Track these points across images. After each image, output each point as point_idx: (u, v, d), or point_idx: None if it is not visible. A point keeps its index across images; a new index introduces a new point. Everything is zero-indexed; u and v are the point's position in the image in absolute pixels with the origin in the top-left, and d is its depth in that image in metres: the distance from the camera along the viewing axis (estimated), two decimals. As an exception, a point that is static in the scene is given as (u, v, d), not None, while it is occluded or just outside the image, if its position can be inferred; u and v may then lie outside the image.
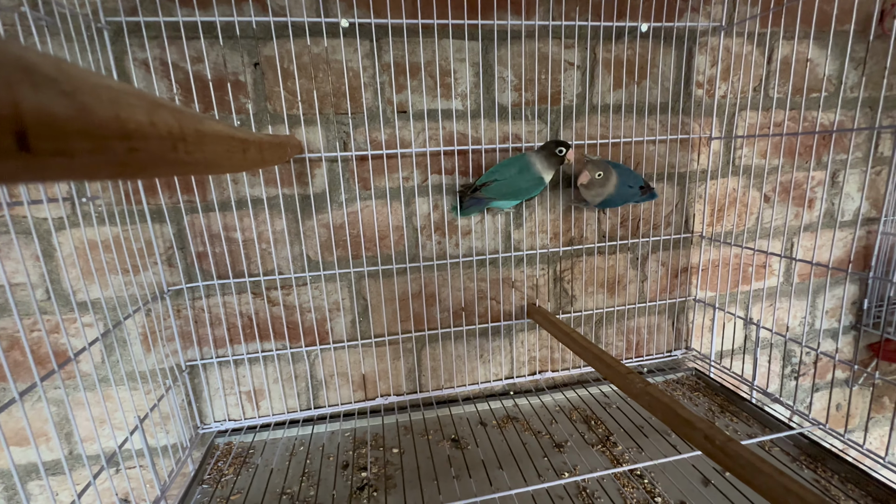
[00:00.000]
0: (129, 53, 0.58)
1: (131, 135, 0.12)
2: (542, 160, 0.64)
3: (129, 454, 0.67)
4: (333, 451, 0.65)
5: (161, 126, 0.14)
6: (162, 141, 0.14)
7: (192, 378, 0.68)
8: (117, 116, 0.11)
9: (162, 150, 0.14)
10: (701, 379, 0.81)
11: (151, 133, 0.13)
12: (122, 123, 0.11)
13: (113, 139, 0.11)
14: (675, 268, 0.82)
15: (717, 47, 0.75)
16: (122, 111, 0.11)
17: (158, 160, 0.14)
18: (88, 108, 0.10)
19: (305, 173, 0.66)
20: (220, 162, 0.21)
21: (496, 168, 0.65)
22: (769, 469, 0.36)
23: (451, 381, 0.77)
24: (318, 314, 0.70)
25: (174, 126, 0.15)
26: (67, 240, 0.60)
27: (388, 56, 0.65)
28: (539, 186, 0.66)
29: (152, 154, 0.13)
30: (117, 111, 0.11)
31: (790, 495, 0.34)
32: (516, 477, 0.58)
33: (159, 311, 0.64)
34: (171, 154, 0.15)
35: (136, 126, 0.12)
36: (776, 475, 0.36)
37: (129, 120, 0.12)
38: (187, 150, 0.16)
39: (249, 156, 0.28)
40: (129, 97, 0.12)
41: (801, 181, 0.83)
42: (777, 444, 0.64)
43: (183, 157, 0.16)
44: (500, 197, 0.66)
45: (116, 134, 0.11)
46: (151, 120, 0.13)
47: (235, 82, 0.62)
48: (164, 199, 0.63)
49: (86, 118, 0.10)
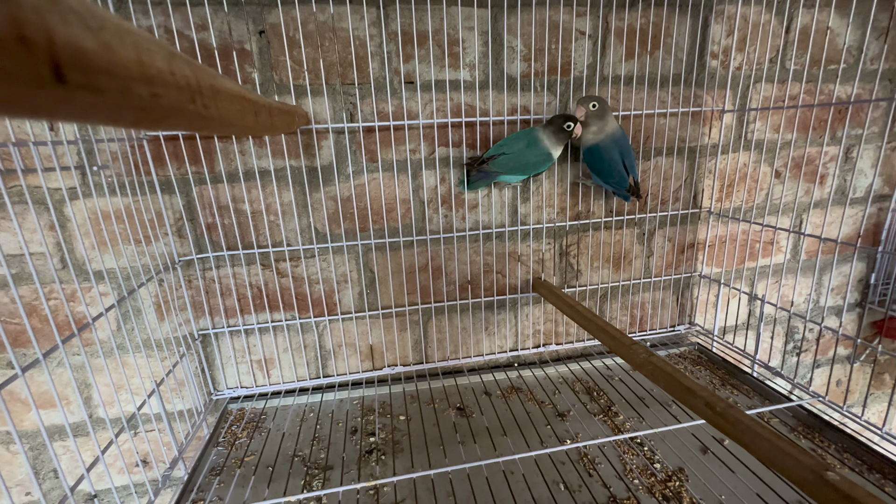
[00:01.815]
0: (132, 20, 0.57)
1: (153, 80, 0.12)
2: (551, 135, 0.64)
3: (146, 418, 0.69)
4: (342, 417, 0.67)
5: (180, 76, 0.14)
6: (181, 91, 0.14)
7: (205, 346, 0.70)
8: (140, 60, 0.11)
9: (181, 101, 0.14)
10: (703, 353, 0.82)
11: (171, 81, 0.13)
12: (144, 68, 0.11)
13: (137, 82, 0.11)
14: (681, 243, 0.82)
15: (733, 16, 0.72)
16: (143, 55, 0.12)
17: (178, 110, 0.14)
18: (113, 47, 0.10)
19: (312, 145, 0.66)
20: (234, 121, 0.22)
21: (504, 142, 0.65)
22: (768, 434, 0.37)
23: (457, 352, 0.79)
24: (326, 286, 0.71)
25: (191, 78, 0.15)
26: (80, 209, 0.61)
27: (395, 24, 0.63)
28: (547, 162, 0.65)
29: (172, 103, 0.13)
30: (139, 55, 0.11)
31: (788, 459, 0.35)
32: (519, 443, 0.60)
33: (171, 281, 0.65)
34: (190, 105, 0.15)
35: (157, 72, 0.12)
36: (775, 440, 0.37)
37: (151, 65, 0.12)
38: (204, 104, 0.16)
39: (260, 119, 0.28)
40: (149, 43, 0.12)
41: (813, 157, 0.82)
42: (776, 416, 0.65)
43: (200, 111, 0.16)
44: (508, 171, 0.65)
45: (139, 77, 0.11)
46: (171, 69, 0.13)
47: (241, 51, 0.61)
48: (173, 169, 0.63)
49: (111, 57, 0.10)
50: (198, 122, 0.17)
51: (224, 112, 0.19)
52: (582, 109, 0.64)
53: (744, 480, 0.52)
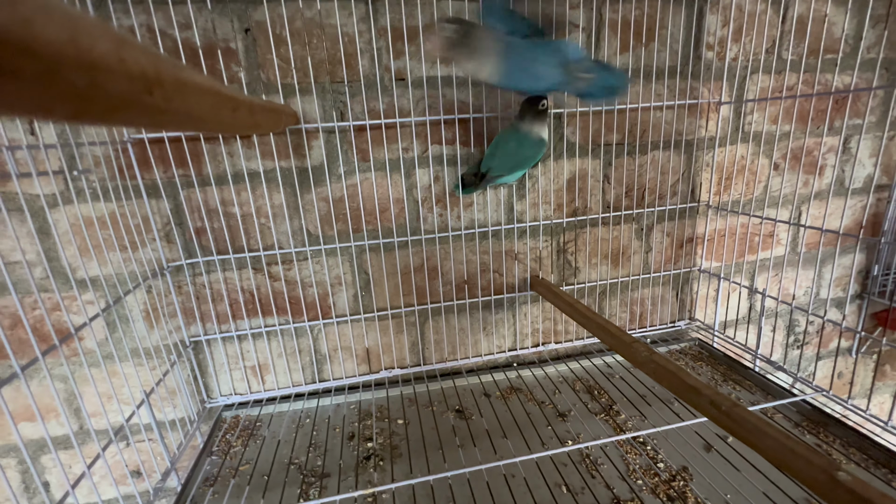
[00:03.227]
0: (113, 20, 0.56)
1: (93, 66, 0.11)
2: (531, 122, 0.61)
3: (137, 428, 0.68)
4: (339, 422, 0.66)
5: (132, 64, 0.13)
6: (133, 81, 0.13)
7: (197, 353, 0.69)
8: (74, 41, 0.10)
9: (133, 91, 0.13)
10: (704, 349, 0.81)
11: (119, 69, 0.12)
12: (80, 51, 0.10)
13: (69, 67, 0.10)
14: (680, 238, 0.80)
15: (729, 6, 0.71)
16: (81, 38, 0.10)
17: (131, 102, 0.13)
18: (33, 23, 0.09)
19: (302, 145, 0.64)
20: (207, 117, 0.20)
21: (493, 149, 0.63)
22: (775, 433, 0.36)
23: (455, 353, 0.77)
24: (320, 289, 0.70)
25: (148, 67, 0.14)
26: (62, 217, 0.59)
27: (384, 19, 0.62)
28: (542, 148, 0.63)
29: (121, 93, 0.12)
30: (73, 35, 0.10)
31: (798, 459, 0.34)
32: (520, 445, 0.58)
33: (160, 287, 0.64)
34: (146, 98, 0.14)
35: (100, 58, 0.11)
36: (783, 439, 0.35)
37: (90, 49, 0.11)
38: (165, 97, 0.15)
39: (240, 116, 0.26)
40: (91, 26, 0.11)
41: (812, 148, 0.81)
42: (780, 411, 0.64)
43: (160, 104, 0.15)
44: (508, 172, 0.63)
45: (73, 61, 0.10)
46: (120, 56, 0.12)
47: (226, 49, 0.59)
48: (159, 173, 0.61)
49: (29, 34, 0.08)
50: (160, 117, 0.15)
51: (193, 107, 0.18)
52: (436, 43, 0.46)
53: (749, 478, 0.51)
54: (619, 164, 0.75)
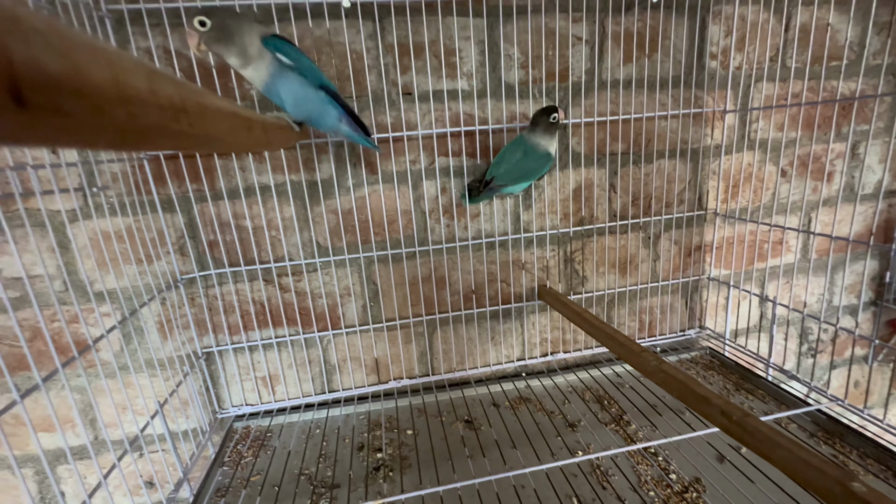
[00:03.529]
0: (131, 42, 0.58)
1: (131, 100, 0.11)
2: (542, 135, 0.63)
3: (151, 439, 0.69)
4: (349, 433, 0.66)
5: (161, 95, 0.14)
6: (163, 110, 0.14)
7: (209, 364, 0.70)
8: (115, 80, 0.11)
9: (163, 120, 0.14)
10: (715, 358, 0.80)
11: (151, 101, 0.13)
12: (120, 88, 0.11)
13: (112, 103, 0.11)
14: (688, 246, 0.80)
15: (731, 16, 0.72)
16: (119, 75, 0.11)
17: (161, 130, 0.14)
18: (83, 68, 0.09)
19: (312, 159, 0.66)
20: (224, 138, 0.21)
21: (500, 158, 0.64)
22: (788, 444, 0.36)
23: (463, 363, 0.77)
24: (330, 300, 0.71)
25: (175, 96, 0.15)
26: (81, 231, 0.61)
27: (391, 36, 0.64)
28: (549, 162, 0.64)
29: (153, 122, 0.13)
30: (115, 74, 0.11)
31: (812, 470, 0.34)
32: (530, 456, 0.58)
33: (174, 299, 0.65)
34: (174, 125, 0.14)
35: (136, 92, 0.12)
36: (795, 450, 0.35)
37: (128, 85, 0.11)
38: (190, 123, 0.16)
39: (254, 135, 0.27)
40: (126, 62, 0.12)
41: (819, 154, 0.81)
42: (794, 421, 0.63)
43: (186, 129, 0.16)
44: (513, 182, 0.64)
45: (115, 97, 0.11)
46: (151, 87, 0.13)
47: (239, 68, 0.61)
48: (174, 188, 0.63)
49: (81, 77, 0.09)
50: (185, 141, 0.16)
51: (213, 129, 0.19)
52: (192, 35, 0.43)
53: (763, 490, 0.50)
54: (625, 174, 0.75)
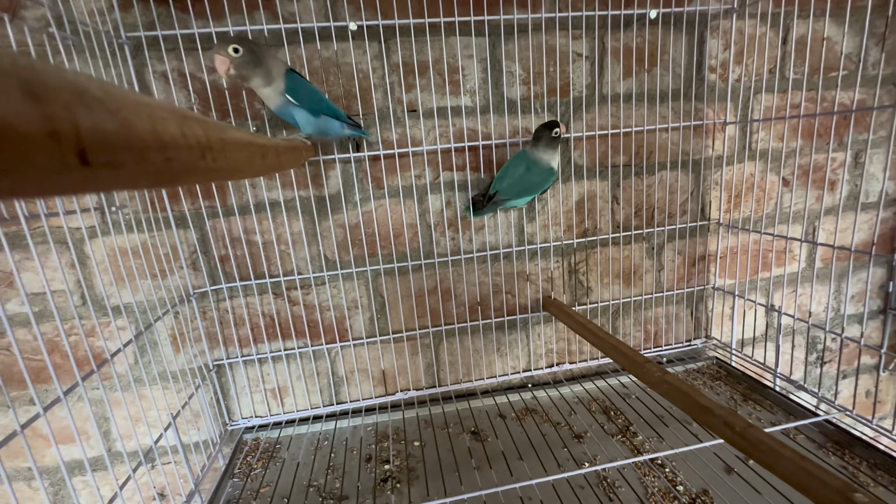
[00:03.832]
0: (148, 66, 0.60)
1: (167, 146, 0.13)
2: (545, 149, 0.64)
3: (163, 450, 0.70)
4: (356, 444, 0.67)
5: (191, 137, 0.15)
6: (192, 150, 0.15)
7: (220, 377, 0.71)
8: (154, 130, 0.12)
9: (192, 159, 0.15)
10: (722, 368, 0.80)
11: (183, 143, 0.14)
12: (158, 136, 0.12)
13: (152, 150, 0.12)
14: (692, 256, 0.81)
15: (729, 30, 0.73)
16: (157, 125, 0.13)
17: (190, 168, 0.15)
18: (131, 123, 0.11)
19: (320, 175, 0.67)
20: (243, 168, 0.23)
21: (503, 172, 0.65)
22: (791, 454, 0.36)
23: (469, 375, 0.78)
24: (337, 312, 0.72)
25: (202, 136, 0.16)
26: (99, 247, 0.63)
27: (396, 56, 0.66)
28: (551, 177, 0.65)
29: (184, 163, 0.14)
30: (154, 125, 0.12)
31: (813, 480, 0.34)
32: (536, 467, 0.58)
33: (186, 313, 0.67)
34: (201, 162, 0.16)
35: (171, 138, 0.13)
36: (798, 460, 0.36)
37: (164, 132, 0.13)
38: (213, 158, 0.17)
39: (268, 160, 0.29)
40: (162, 111, 0.13)
41: (821, 163, 0.81)
42: (802, 432, 0.63)
43: (210, 165, 0.17)
44: (516, 196, 0.66)
45: (154, 146, 0.12)
46: (182, 132, 0.14)
47: (249, 89, 0.63)
48: (187, 205, 0.65)
49: (129, 133, 0.11)
50: (209, 175, 0.18)
51: (233, 161, 0.20)
52: (223, 62, 0.48)
53: (771, 502, 0.50)
54: (627, 185, 0.76)
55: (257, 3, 0.61)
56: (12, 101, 0.07)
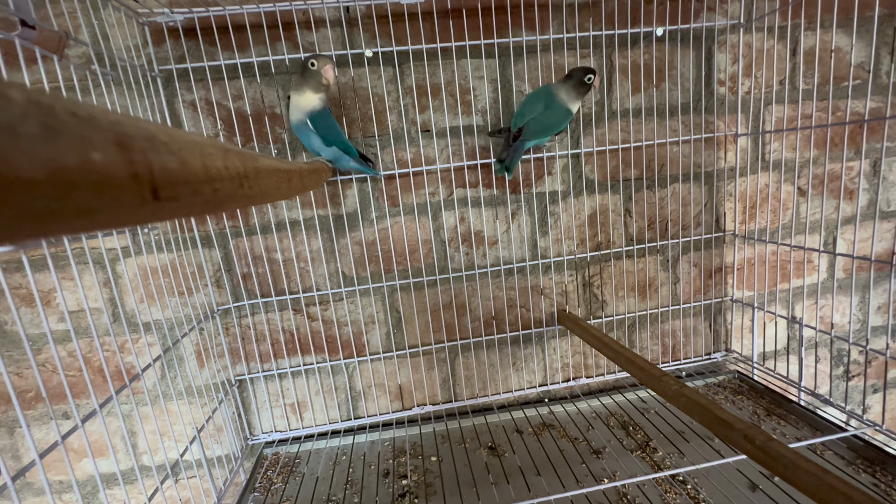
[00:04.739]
0: (178, 96, 0.64)
1: (214, 178, 0.15)
2: (570, 90, 0.63)
3: (186, 465, 0.72)
4: (374, 459, 0.68)
5: (232, 168, 0.17)
6: (233, 181, 0.17)
7: (241, 392, 0.73)
8: (204, 165, 0.14)
9: (233, 188, 0.17)
10: (744, 382, 0.79)
11: (226, 175, 0.16)
12: (207, 170, 0.14)
13: (203, 183, 0.14)
14: (708, 268, 0.80)
15: (737, 44, 0.74)
16: (206, 160, 0.14)
17: (231, 196, 0.17)
18: (187, 161, 0.13)
19: (338, 194, 0.70)
20: (272, 192, 0.25)
21: (522, 109, 0.65)
22: (814, 469, 0.36)
23: (485, 389, 0.78)
24: (355, 328, 0.73)
25: (240, 166, 0.18)
26: (130, 267, 0.66)
27: (410, 80, 0.68)
28: (568, 118, 0.65)
29: (227, 192, 0.16)
30: (204, 161, 0.14)
31: (837, 495, 0.33)
32: (554, 483, 0.58)
33: (210, 329, 0.69)
34: (240, 190, 0.18)
35: (216, 171, 0.15)
36: (822, 475, 0.35)
37: (212, 167, 0.15)
38: (249, 186, 0.19)
39: (293, 184, 0.31)
40: (210, 148, 0.15)
41: (837, 173, 0.80)
42: (830, 448, 0.61)
43: (247, 192, 0.19)
44: (534, 136, 0.65)
45: (205, 179, 0.14)
46: (225, 164, 0.16)
47: (272, 115, 0.67)
48: (212, 225, 0.68)
49: (186, 169, 0.12)
50: (244, 202, 0.19)
51: (265, 188, 0.22)
52: (330, 69, 0.56)
53: (799, 520, 0.48)
54: (640, 198, 0.76)
55: (279, 35, 0.64)
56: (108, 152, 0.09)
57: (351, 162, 0.63)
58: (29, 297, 0.65)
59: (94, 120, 0.09)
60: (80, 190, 0.09)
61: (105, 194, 0.09)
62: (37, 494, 0.71)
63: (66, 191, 0.08)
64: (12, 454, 0.69)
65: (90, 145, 0.09)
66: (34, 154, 0.07)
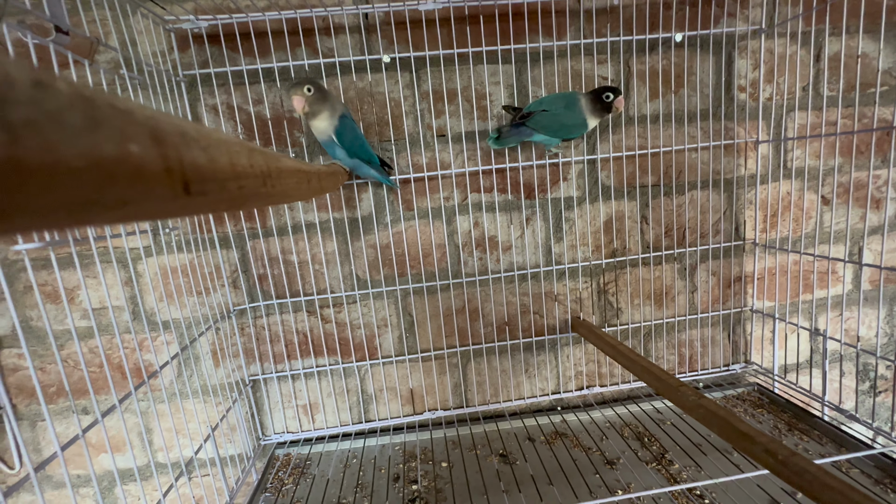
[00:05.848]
0: (201, 100, 0.66)
1: (239, 176, 0.15)
2: (589, 103, 0.63)
3: (200, 463, 0.72)
4: (385, 463, 0.67)
5: (256, 166, 0.17)
6: (257, 178, 0.17)
7: (255, 392, 0.74)
8: (231, 162, 0.14)
9: (257, 186, 0.17)
10: (764, 395, 0.76)
11: (251, 173, 0.16)
12: (233, 167, 0.14)
13: (230, 180, 0.14)
14: (727, 277, 0.79)
15: (758, 50, 0.73)
16: (233, 158, 0.15)
17: (255, 194, 0.17)
18: (215, 158, 0.13)
19: (353, 198, 0.71)
20: (292, 192, 0.25)
21: (545, 99, 0.65)
22: (841, 486, 0.34)
23: (497, 395, 0.77)
24: (368, 330, 0.74)
25: (263, 165, 0.18)
26: (150, 266, 0.67)
27: (426, 85, 0.69)
28: (582, 129, 0.65)
29: (251, 189, 0.16)
30: (230, 158, 0.14)
31: (865, 513, 0.32)
32: (567, 493, 0.57)
33: (226, 329, 0.70)
34: (263, 188, 0.18)
35: (242, 169, 0.15)
36: (849, 492, 0.34)
37: (238, 164, 0.15)
38: (272, 185, 0.20)
39: (312, 185, 0.31)
40: (236, 146, 0.16)
41: (863, 181, 0.78)
42: (856, 466, 0.59)
43: (269, 191, 0.19)
44: (543, 130, 0.65)
45: (231, 176, 0.14)
46: (250, 162, 0.17)
47: (290, 119, 0.68)
48: (230, 227, 0.69)
49: (214, 166, 0.13)
50: (266, 200, 0.20)
51: (285, 187, 0.23)
52: (300, 100, 0.56)
53: (823, 540, 0.46)
54: (657, 205, 0.75)
55: (299, 41, 0.66)
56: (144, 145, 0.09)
57: (371, 170, 0.64)
58: (54, 293, 0.67)
59: (131, 114, 0.09)
60: (116, 180, 0.09)
61: (140, 186, 0.09)
62: (56, 487, 0.73)
63: (105, 180, 0.08)
64: (33, 447, 0.71)
65: (128, 137, 0.09)
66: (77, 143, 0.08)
